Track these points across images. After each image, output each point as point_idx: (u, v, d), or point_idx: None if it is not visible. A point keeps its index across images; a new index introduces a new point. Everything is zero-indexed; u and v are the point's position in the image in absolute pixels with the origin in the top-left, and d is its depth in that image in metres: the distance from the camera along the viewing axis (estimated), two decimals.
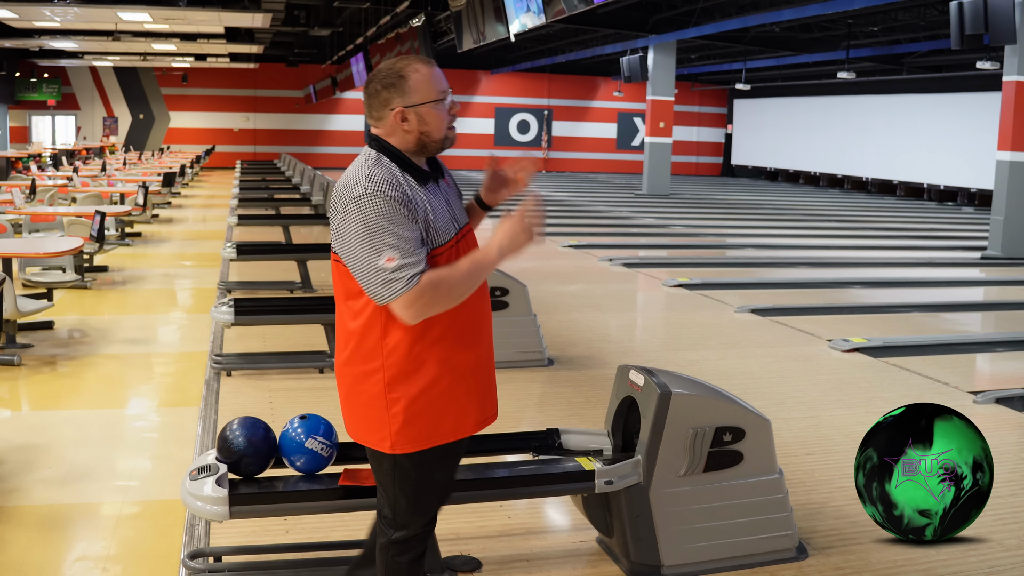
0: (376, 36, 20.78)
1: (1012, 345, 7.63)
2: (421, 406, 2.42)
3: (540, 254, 12.16)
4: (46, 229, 9.87)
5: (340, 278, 2.44)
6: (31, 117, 30.09)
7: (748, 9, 18.02)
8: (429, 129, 2.42)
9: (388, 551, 2.56)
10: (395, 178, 2.36)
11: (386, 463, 2.48)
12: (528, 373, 6.05)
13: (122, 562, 3.42)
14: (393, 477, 2.49)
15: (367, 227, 2.29)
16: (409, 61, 2.42)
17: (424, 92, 2.40)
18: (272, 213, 13.37)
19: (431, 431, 2.45)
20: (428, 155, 2.48)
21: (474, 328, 2.50)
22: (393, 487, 2.51)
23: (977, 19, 11.00)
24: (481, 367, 2.52)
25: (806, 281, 10.58)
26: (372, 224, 2.29)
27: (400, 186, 2.34)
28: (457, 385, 2.45)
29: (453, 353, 2.44)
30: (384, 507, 2.57)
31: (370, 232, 2.29)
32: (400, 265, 2.28)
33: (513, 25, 12.02)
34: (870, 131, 26.76)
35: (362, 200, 2.30)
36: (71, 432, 4.83)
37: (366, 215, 2.29)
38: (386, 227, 2.29)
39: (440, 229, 2.41)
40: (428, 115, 2.40)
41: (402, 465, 2.47)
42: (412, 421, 2.42)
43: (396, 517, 2.54)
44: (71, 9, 15.01)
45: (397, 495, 2.51)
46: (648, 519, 3.26)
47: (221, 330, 6.83)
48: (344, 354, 2.48)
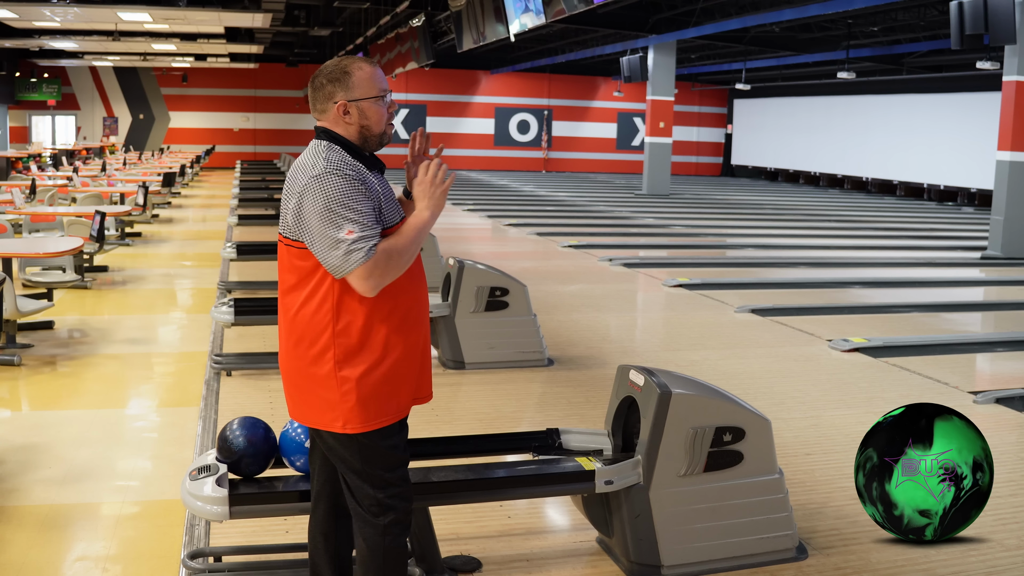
0: (376, 36, 20.79)
1: (1012, 345, 7.63)
2: (373, 384, 2.52)
3: (540, 254, 12.17)
4: (46, 229, 9.87)
5: (291, 261, 2.54)
6: (31, 117, 30.08)
7: (748, 9, 18.02)
8: (369, 123, 2.57)
9: (385, 537, 2.59)
10: (349, 160, 2.52)
11: (352, 446, 2.54)
12: (528, 373, 6.05)
13: (122, 562, 3.42)
14: (364, 458, 2.55)
15: (327, 202, 2.42)
16: (354, 59, 2.59)
17: (366, 88, 2.55)
18: (272, 213, 13.37)
19: (381, 409, 2.54)
20: (369, 149, 2.61)
21: (417, 309, 2.63)
22: (372, 466, 2.56)
23: (977, 19, 11.00)
24: (422, 347, 2.66)
25: (806, 281, 10.58)
26: (332, 199, 2.42)
27: (355, 167, 2.51)
28: (403, 363, 2.57)
29: (400, 333, 2.56)
30: (366, 498, 2.58)
31: (330, 207, 2.42)
32: (360, 236, 2.42)
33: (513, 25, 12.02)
34: (870, 131, 26.76)
35: (322, 178, 2.44)
36: (71, 432, 4.83)
37: (327, 191, 2.43)
38: (345, 202, 2.43)
39: (389, 212, 2.55)
40: (368, 110, 2.56)
41: (363, 443, 2.54)
42: (364, 400, 2.51)
43: (386, 496, 2.57)
44: (71, 9, 15.01)
45: (377, 473, 2.57)
46: (648, 519, 3.26)
47: (221, 330, 6.83)
48: (292, 339, 2.56)
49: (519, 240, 13.77)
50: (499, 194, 21.95)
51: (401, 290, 2.56)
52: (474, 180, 26.77)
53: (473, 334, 6.05)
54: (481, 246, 13.31)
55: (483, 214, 17.09)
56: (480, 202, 19.45)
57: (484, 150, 33.02)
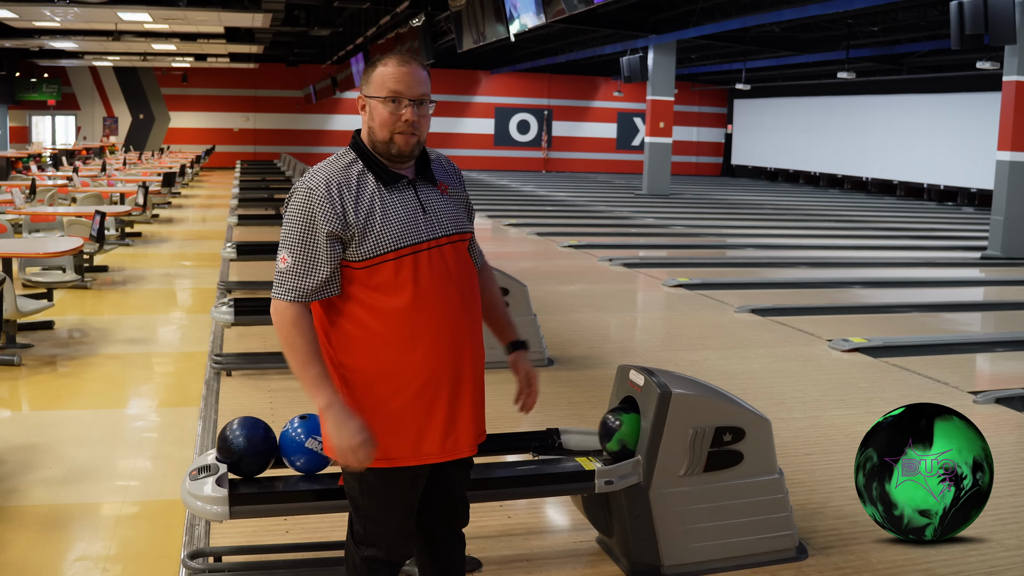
0: (376, 36, 20.78)
1: (1012, 345, 7.63)
2: (378, 411, 2.34)
3: (540, 254, 12.16)
4: (46, 229, 9.87)
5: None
6: (31, 117, 30.08)
7: (748, 9, 18.02)
8: (374, 125, 2.36)
9: (358, 570, 2.46)
10: (336, 170, 2.34)
11: (354, 473, 2.37)
12: None
13: (122, 562, 3.42)
14: (361, 489, 2.39)
15: (287, 218, 2.33)
16: (392, 56, 2.38)
17: (376, 86, 2.35)
18: (272, 213, 13.37)
19: (395, 443, 2.34)
20: (381, 154, 2.37)
21: (437, 341, 2.38)
22: (362, 500, 2.40)
23: (977, 19, 11.00)
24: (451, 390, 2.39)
25: (806, 281, 10.58)
26: (287, 215, 2.32)
27: (338, 180, 2.31)
28: (414, 395, 2.33)
29: (422, 363, 2.35)
30: (354, 521, 2.47)
31: (284, 222, 2.33)
32: (290, 270, 2.31)
33: (513, 25, 12.02)
34: (870, 131, 26.75)
35: (295, 192, 2.33)
36: (71, 432, 4.83)
37: (288, 201, 2.34)
38: (291, 224, 2.30)
39: (385, 234, 2.29)
40: (375, 110, 2.35)
41: (368, 478, 2.37)
42: (377, 428, 2.31)
43: (367, 533, 2.42)
44: (71, 9, 15.01)
45: (368, 509, 2.41)
46: (648, 519, 3.26)
47: (221, 330, 6.83)
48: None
49: (519, 240, 13.77)
50: (499, 194, 21.95)
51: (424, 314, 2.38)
52: (474, 180, 26.76)
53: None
54: (481, 246, 13.27)
55: (483, 214, 17.09)
56: (480, 202, 19.46)
57: (484, 150, 33.01)
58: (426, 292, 2.32)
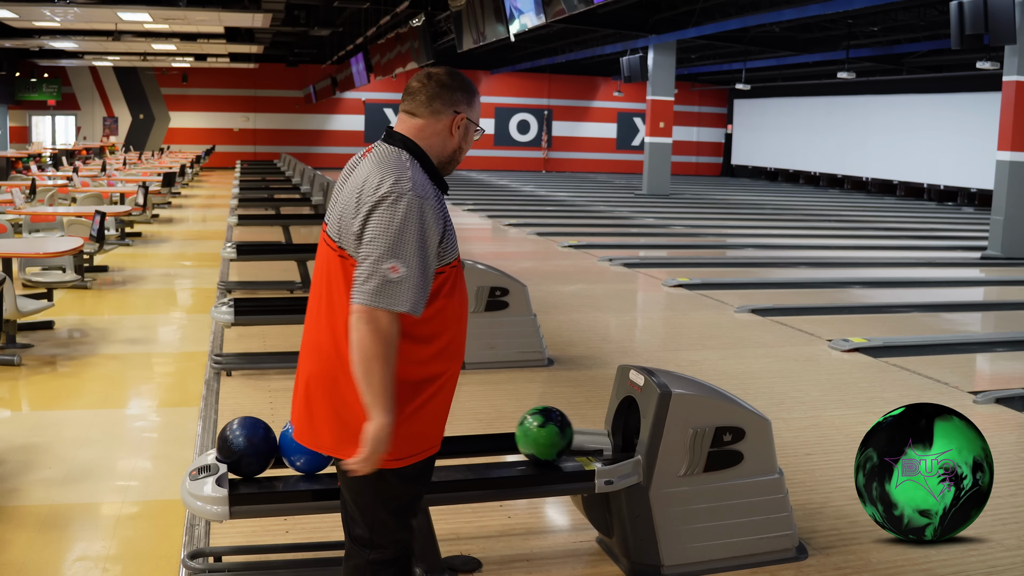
0: (376, 36, 20.79)
1: (1012, 345, 7.63)
2: (414, 415, 2.32)
3: (540, 254, 12.16)
4: (46, 229, 9.87)
5: (347, 274, 2.29)
6: (31, 117, 30.08)
7: (748, 9, 18.02)
8: (464, 147, 2.41)
9: (364, 573, 2.40)
10: (429, 182, 2.31)
11: (368, 476, 2.29)
12: (528, 373, 6.04)
13: (122, 562, 3.42)
14: (376, 491, 2.34)
15: (395, 226, 2.19)
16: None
17: (478, 115, 2.45)
18: (272, 213, 13.36)
19: (420, 441, 2.35)
20: (437, 165, 2.40)
21: (461, 341, 2.47)
22: (375, 504, 2.35)
23: (977, 19, 11.00)
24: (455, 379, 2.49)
25: (806, 281, 10.58)
26: (400, 223, 2.19)
27: (435, 191, 2.31)
28: (443, 394, 2.40)
29: (448, 363, 2.41)
30: (358, 526, 2.41)
31: (397, 231, 2.19)
32: (405, 281, 2.19)
33: (513, 25, 12.01)
34: (870, 131, 26.75)
35: (401, 197, 2.21)
36: (71, 432, 4.83)
37: (401, 212, 2.20)
38: (410, 236, 2.20)
39: (450, 244, 2.35)
40: (469, 135, 2.41)
41: (388, 479, 2.33)
42: (405, 431, 2.30)
43: (374, 536, 2.38)
44: (71, 9, 15.00)
45: (378, 512, 2.36)
46: (648, 519, 3.26)
47: (221, 330, 6.83)
48: (334, 353, 2.30)
49: (519, 240, 13.77)
50: (499, 194, 21.95)
51: (458, 320, 2.45)
52: (474, 180, 26.77)
53: (473, 334, 6.01)
54: (481, 246, 13.31)
55: (483, 214, 17.09)
56: (480, 202, 19.46)
57: (484, 150, 33.01)
58: (460, 300, 2.44)
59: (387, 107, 32.29)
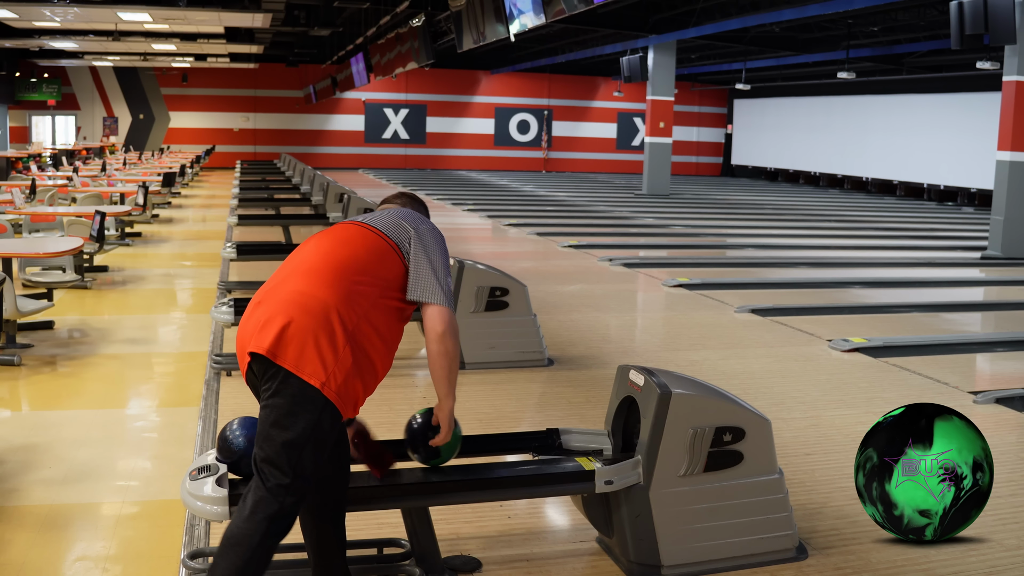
0: (376, 36, 20.79)
1: (1012, 345, 7.63)
2: (357, 374, 2.68)
3: (540, 254, 12.16)
4: (46, 229, 9.87)
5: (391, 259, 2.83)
6: (31, 117, 30.08)
7: (748, 9, 18.02)
8: None
9: (272, 522, 2.61)
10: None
11: (312, 408, 2.60)
12: (528, 373, 6.05)
13: (122, 562, 3.42)
14: (312, 423, 2.61)
15: (441, 245, 2.91)
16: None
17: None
18: (272, 213, 13.37)
19: (354, 399, 2.72)
20: None
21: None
22: (308, 438, 2.61)
23: (977, 19, 11.00)
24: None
25: (806, 281, 10.58)
26: (443, 246, 2.92)
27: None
28: (377, 375, 2.78)
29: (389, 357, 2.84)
30: (280, 472, 2.61)
31: (443, 249, 2.91)
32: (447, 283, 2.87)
33: (513, 25, 12.01)
34: (870, 131, 26.76)
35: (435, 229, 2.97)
36: (71, 432, 4.83)
37: (439, 238, 2.94)
38: (445, 251, 2.94)
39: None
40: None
41: (326, 414, 2.63)
42: (348, 380, 2.66)
43: (296, 479, 2.61)
44: (71, 9, 15.01)
45: (305, 449, 2.61)
46: (648, 519, 3.26)
47: (221, 330, 6.83)
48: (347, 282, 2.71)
49: (519, 240, 13.78)
50: (499, 194, 21.95)
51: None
52: (474, 180, 26.76)
53: (473, 334, 6.04)
54: (481, 246, 13.31)
55: (483, 214, 17.09)
56: (480, 202, 19.46)
57: (484, 150, 33.02)
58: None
59: (387, 107, 32.30)
